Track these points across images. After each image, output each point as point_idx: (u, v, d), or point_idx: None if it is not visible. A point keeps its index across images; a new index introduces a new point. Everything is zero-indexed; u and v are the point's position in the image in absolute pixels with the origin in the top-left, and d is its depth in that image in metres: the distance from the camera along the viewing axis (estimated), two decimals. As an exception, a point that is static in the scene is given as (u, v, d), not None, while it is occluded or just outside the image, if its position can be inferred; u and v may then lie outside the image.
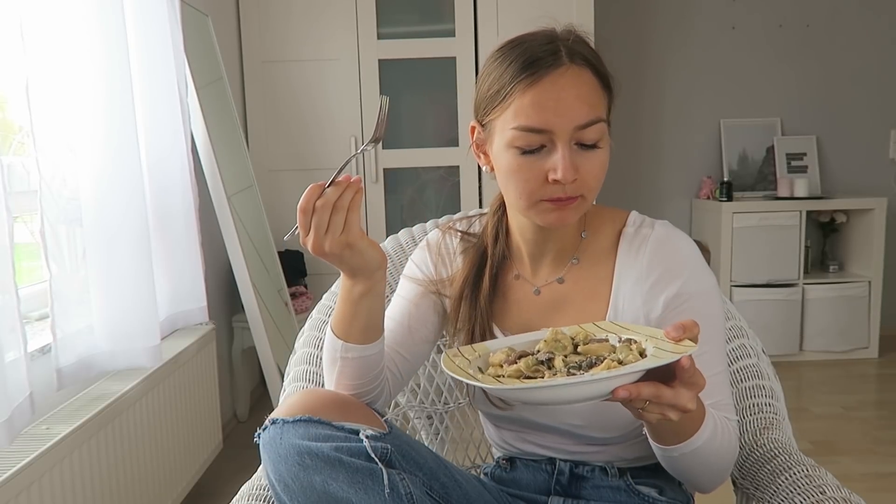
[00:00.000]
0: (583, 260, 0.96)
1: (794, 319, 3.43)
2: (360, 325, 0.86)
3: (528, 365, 0.73)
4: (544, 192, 0.85)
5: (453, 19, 3.06)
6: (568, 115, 0.82)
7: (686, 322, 0.69)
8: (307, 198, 0.77)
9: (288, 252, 3.02)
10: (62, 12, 1.48)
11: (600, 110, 0.85)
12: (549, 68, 0.82)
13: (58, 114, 1.49)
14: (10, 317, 1.24)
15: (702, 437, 0.79)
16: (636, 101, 3.76)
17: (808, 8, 3.71)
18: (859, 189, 3.74)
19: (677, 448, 0.80)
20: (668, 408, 0.68)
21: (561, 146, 0.83)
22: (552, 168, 0.83)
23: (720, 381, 0.88)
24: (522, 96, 0.83)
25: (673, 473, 0.88)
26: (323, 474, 0.77)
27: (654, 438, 0.82)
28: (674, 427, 0.78)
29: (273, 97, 3.09)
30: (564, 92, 0.82)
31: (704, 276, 0.91)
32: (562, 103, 0.82)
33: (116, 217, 1.60)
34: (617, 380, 0.66)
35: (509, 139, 0.85)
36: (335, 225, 0.77)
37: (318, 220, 0.77)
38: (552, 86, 0.82)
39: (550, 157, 0.83)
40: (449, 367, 0.75)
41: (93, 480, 1.47)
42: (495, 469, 1.07)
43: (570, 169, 0.82)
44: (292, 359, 1.19)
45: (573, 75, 0.83)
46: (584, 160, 0.84)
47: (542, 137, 0.83)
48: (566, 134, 0.82)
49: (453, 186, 3.17)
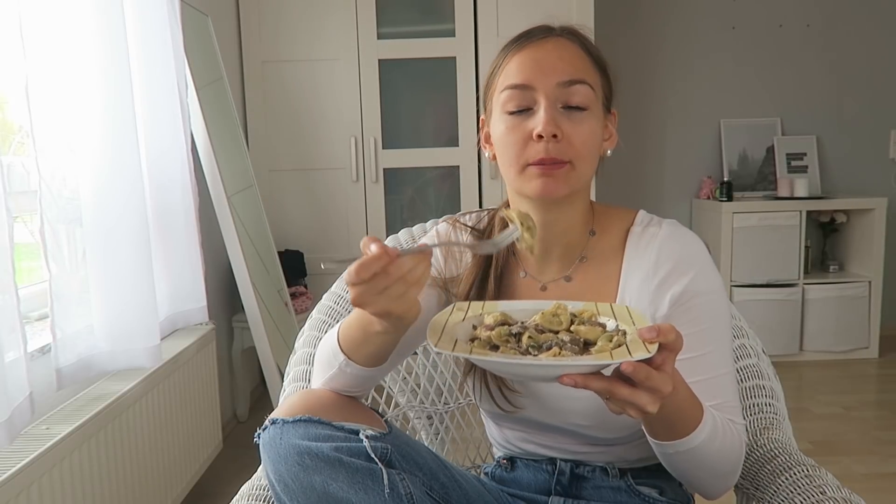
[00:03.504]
0: (590, 258, 0.96)
1: (794, 319, 3.43)
2: (368, 351, 0.84)
3: (499, 334, 0.74)
4: (530, 153, 0.87)
5: (453, 19, 3.06)
6: (550, 73, 0.86)
7: (663, 325, 0.67)
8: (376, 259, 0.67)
9: (288, 252, 3.02)
10: (62, 12, 1.48)
11: (585, 75, 0.88)
12: (537, 38, 0.89)
13: (58, 114, 1.48)
14: (10, 317, 1.24)
15: (699, 437, 0.78)
16: (637, 101, 3.76)
17: (808, 8, 3.72)
18: (859, 189, 3.74)
19: (672, 445, 0.79)
20: (627, 405, 0.67)
21: (544, 103, 0.86)
22: (536, 125, 0.86)
23: (725, 381, 0.87)
24: (510, 61, 0.89)
25: (674, 474, 0.88)
26: (323, 474, 0.77)
27: (648, 432, 0.81)
28: (665, 422, 0.77)
29: (273, 97, 3.09)
30: (548, 53, 0.88)
31: (712, 275, 0.91)
32: (544, 62, 0.87)
33: (116, 217, 1.60)
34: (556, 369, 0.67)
35: (501, 104, 0.89)
36: (394, 293, 0.69)
37: (378, 282, 0.68)
38: (537, 49, 0.88)
39: (535, 116, 0.87)
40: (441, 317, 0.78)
41: (93, 480, 1.47)
42: (495, 469, 1.07)
43: (551, 123, 0.85)
44: (292, 359, 1.19)
45: (558, 43, 0.89)
46: (570, 123, 0.87)
47: (527, 96, 0.87)
48: (548, 90, 0.86)
49: (453, 186, 3.17)
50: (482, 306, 0.82)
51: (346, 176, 3.13)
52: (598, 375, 0.67)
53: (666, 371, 0.67)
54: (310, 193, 3.15)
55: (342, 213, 3.15)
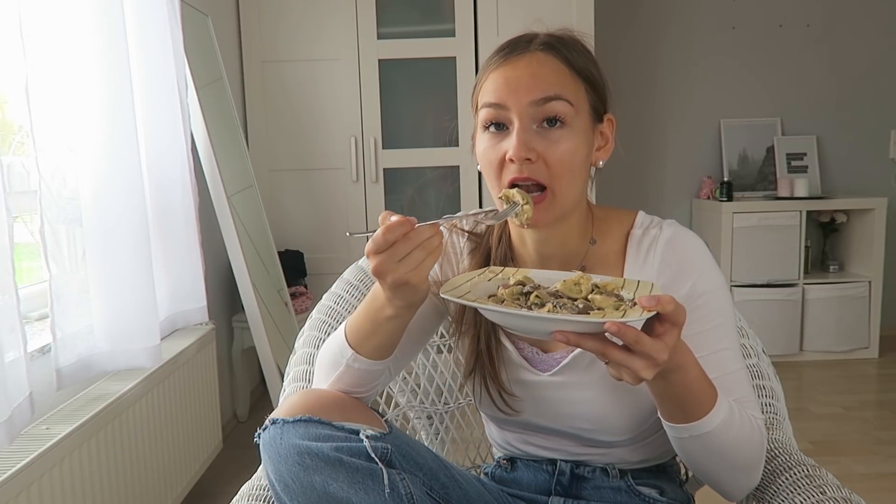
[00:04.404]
0: (590, 268, 0.94)
1: (794, 319, 3.43)
2: (376, 342, 0.86)
3: (511, 293, 0.76)
4: (507, 173, 0.86)
5: (453, 19, 3.06)
6: (522, 92, 0.85)
7: (663, 296, 0.68)
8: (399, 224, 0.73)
9: (288, 252, 3.02)
10: (62, 12, 1.48)
11: (562, 90, 0.85)
12: (515, 53, 0.87)
13: (58, 114, 1.48)
14: (10, 317, 1.24)
15: (713, 421, 0.77)
16: (636, 101, 3.76)
17: (808, 8, 3.72)
18: (859, 189, 3.74)
19: (686, 428, 0.78)
20: (623, 369, 0.69)
21: (517, 124, 0.85)
22: (509, 149, 0.85)
23: (739, 377, 0.87)
24: (487, 79, 0.89)
25: (691, 468, 0.87)
26: (323, 474, 0.77)
27: (662, 414, 0.81)
28: (676, 401, 0.77)
29: (273, 97, 3.09)
30: (521, 71, 0.86)
31: (714, 274, 0.91)
32: (517, 80, 0.85)
33: (116, 217, 1.60)
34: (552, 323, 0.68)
35: (480, 120, 0.89)
36: (412, 260, 0.74)
37: (399, 248, 0.73)
38: (512, 67, 0.87)
39: (509, 137, 0.86)
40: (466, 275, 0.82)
41: (93, 480, 1.47)
42: (496, 469, 1.07)
43: (523, 147, 0.84)
44: (292, 359, 1.19)
45: (535, 59, 0.86)
46: (546, 142, 0.85)
47: (501, 115, 0.86)
48: (521, 109, 0.85)
49: (453, 186, 3.17)
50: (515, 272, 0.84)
51: (346, 176, 3.13)
52: (593, 336, 0.68)
53: (664, 341, 0.68)
54: (310, 193, 3.15)
55: (342, 213, 3.15)
